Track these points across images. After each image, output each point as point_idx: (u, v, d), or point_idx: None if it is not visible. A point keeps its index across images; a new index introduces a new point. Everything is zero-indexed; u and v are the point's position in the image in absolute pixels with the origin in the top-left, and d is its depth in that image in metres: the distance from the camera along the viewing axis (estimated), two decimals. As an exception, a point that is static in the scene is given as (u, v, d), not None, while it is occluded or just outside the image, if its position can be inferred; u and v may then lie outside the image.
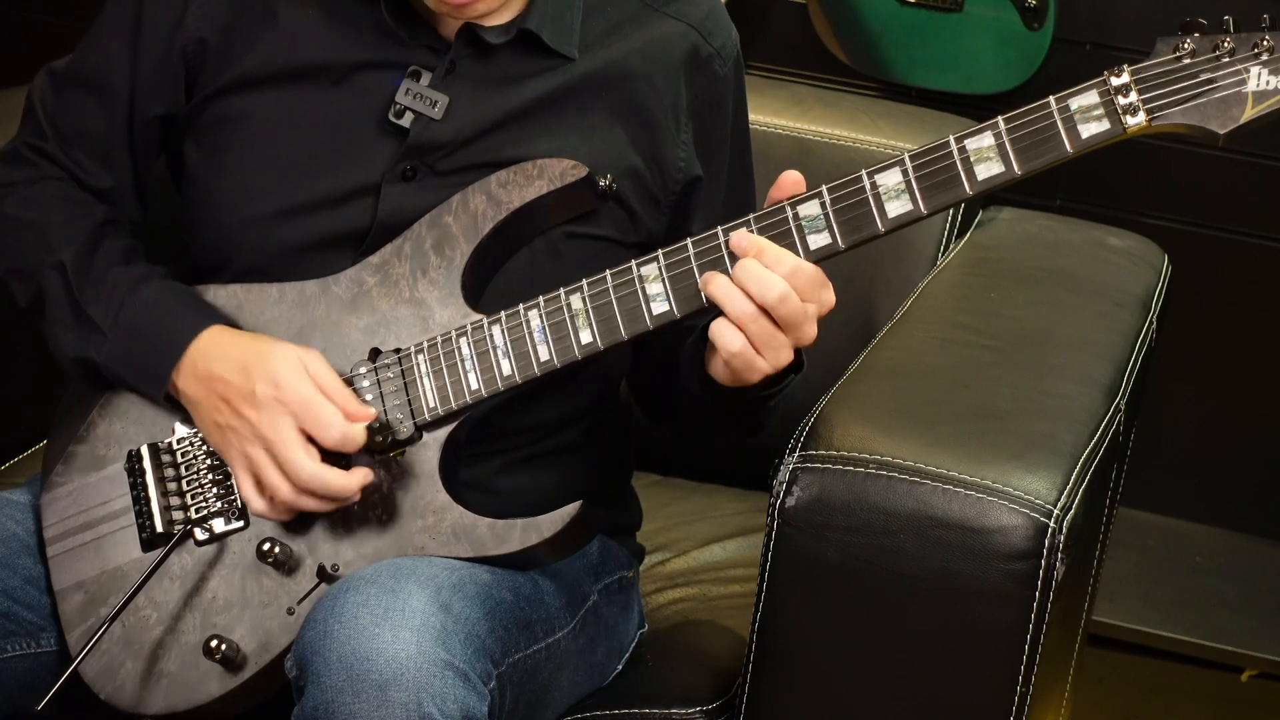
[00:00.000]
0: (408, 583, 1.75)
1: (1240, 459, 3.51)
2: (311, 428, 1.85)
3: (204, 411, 1.90)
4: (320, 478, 1.84)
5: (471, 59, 1.94)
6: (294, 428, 1.85)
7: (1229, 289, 3.43)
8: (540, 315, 1.85)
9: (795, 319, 1.78)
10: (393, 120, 1.92)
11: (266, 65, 1.95)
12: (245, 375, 1.87)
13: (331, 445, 1.85)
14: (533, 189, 1.88)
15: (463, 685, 1.71)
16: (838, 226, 1.79)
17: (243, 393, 1.86)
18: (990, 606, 1.81)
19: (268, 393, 1.85)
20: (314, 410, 1.84)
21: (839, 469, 1.84)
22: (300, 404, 1.85)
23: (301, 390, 1.85)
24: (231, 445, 1.88)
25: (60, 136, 2.03)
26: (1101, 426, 1.99)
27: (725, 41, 2.01)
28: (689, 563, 2.33)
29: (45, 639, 1.95)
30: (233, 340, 1.91)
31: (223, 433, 1.89)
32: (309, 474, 1.84)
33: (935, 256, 2.47)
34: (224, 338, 1.91)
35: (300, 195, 1.93)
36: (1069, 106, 1.75)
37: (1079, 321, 2.24)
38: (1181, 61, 1.74)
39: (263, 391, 1.85)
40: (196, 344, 1.91)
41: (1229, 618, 3.34)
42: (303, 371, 1.86)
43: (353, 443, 1.85)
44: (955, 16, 3.22)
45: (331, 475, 1.84)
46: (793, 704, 1.90)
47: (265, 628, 1.86)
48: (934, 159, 1.78)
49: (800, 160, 2.50)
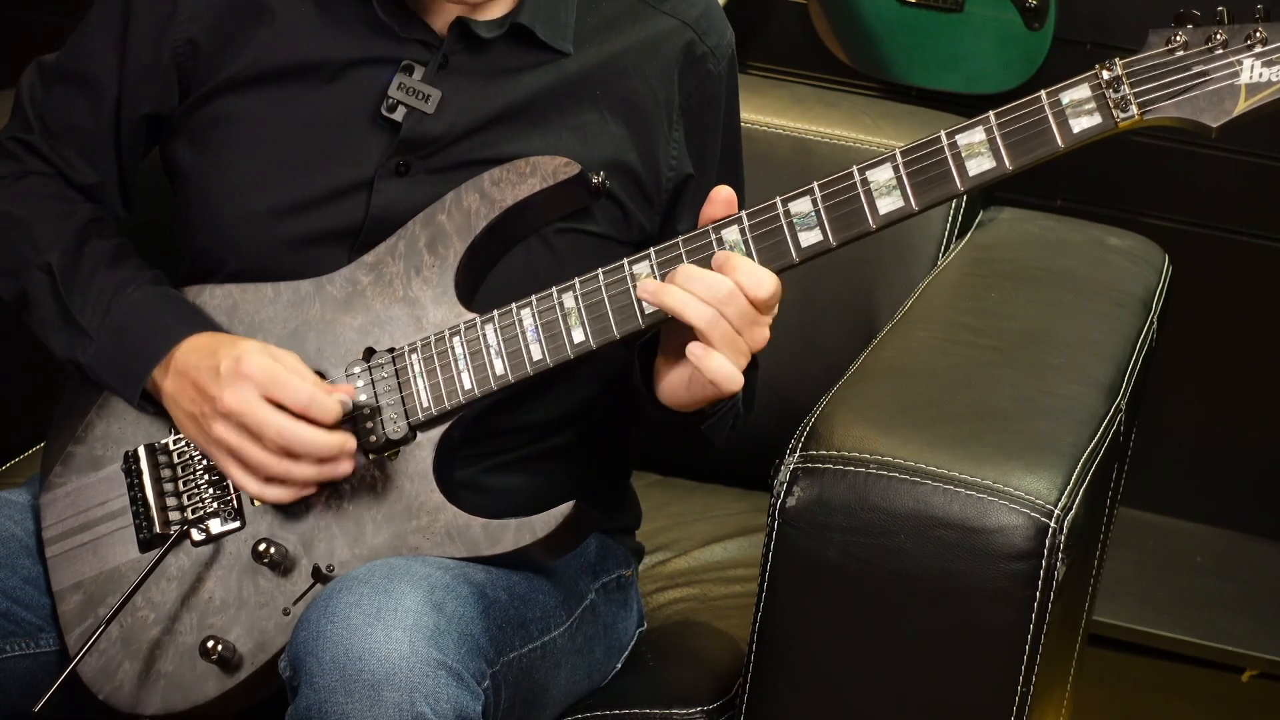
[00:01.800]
0: (400, 582, 1.74)
1: (1240, 459, 3.51)
2: (276, 392, 1.83)
3: (180, 404, 1.89)
4: (295, 431, 1.82)
5: (465, 53, 1.94)
6: (258, 396, 1.83)
7: (1229, 289, 3.43)
8: (533, 314, 1.84)
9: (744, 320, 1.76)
10: (385, 115, 1.92)
11: (258, 64, 1.95)
12: (213, 357, 1.87)
13: (299, 407, 1.83)
14: (525, 187, 1.88)
15: (456, 684, 1.71)
16: (829, 223, 1.78)
17: (209, 372, 1.86)
18: (991, 606, 1.81)
19: (230, 368, 1.84)
20: (277, 377, 1.83)
21: (839, 469, 1.84)
22: (262, 373, 1.84)
23: (263, 361, 1.84)
24: (205, 433, 1.87)
25: (47, 131, 2.02)
26: (1102, 426, 1.99)
27: (719, 40, 2.01)
28: (689, 563, 2.33)
29: (44, 639, 1.95)
30: (212, 338, 1.91)
31: (196, 423, 1.88)
32: (283, 428, 1.82)
33: (936, 256, 2.47)
34: (205, 339, 1.91)
35: (294, 193, 1.93)
36: (1060, 101, 1.74)
37: (1079, 321, 2.24)
38: (1174, 54, 1.72)
39: (226, 367, 1.85)
40: (180, 348, 1.90)
41: (1229, 618, 3.34)
42: (266, 351, 1.86)
43: (322, 406, 1.83)
44: (956, 16, 3.22)
45: (307, 429, 1.83)
46: (793, 704, 1.90)
47: (261, 628, 1.86)
48: (925, 155, 1.77)
49: (800, 160, 2.50)
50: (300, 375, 1.85)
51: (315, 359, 1.90)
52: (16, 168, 2.03)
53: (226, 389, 1.84)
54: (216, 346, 1.88)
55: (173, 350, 1.91)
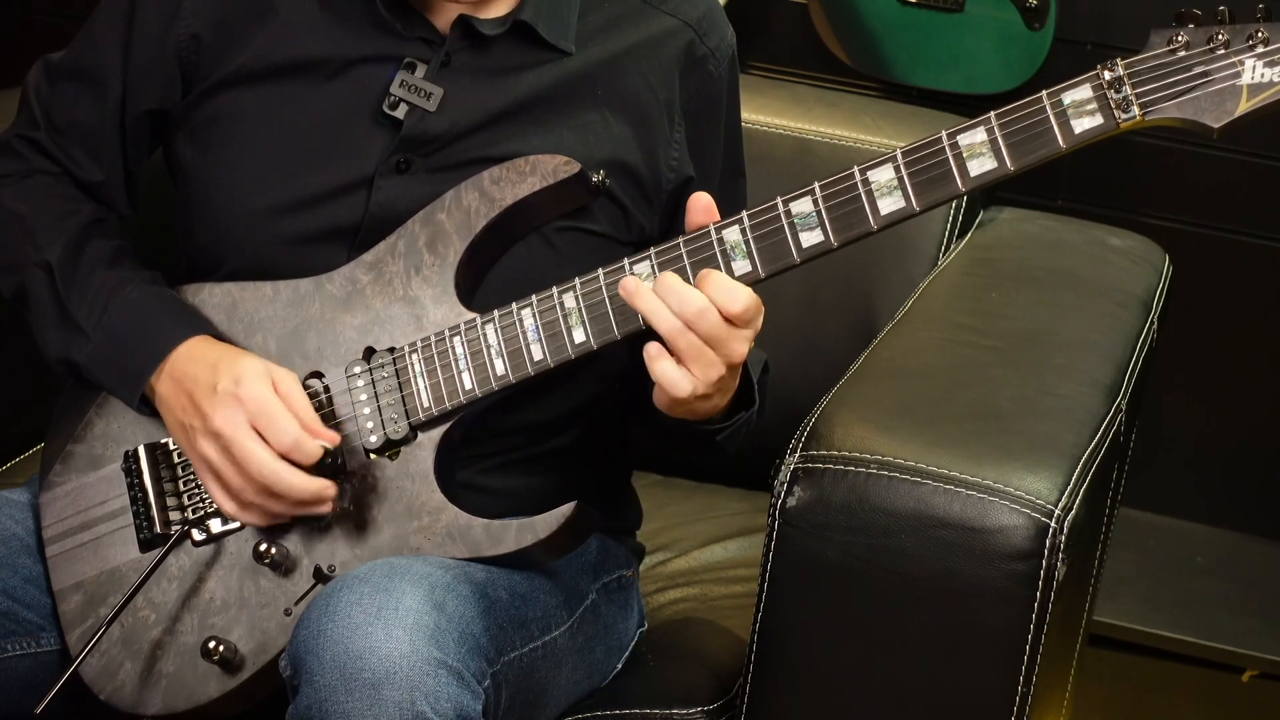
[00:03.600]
0: (401, 581, 1.74)
1: (1240, 459, 3.51)
2: (263, 427, 1.83)
3: (172, 411, 1.89)
4: (276, 473, 1.83)
5: (467, 51, 1.94)
6: (247, 424, 1.83)
7: (1229, 289, 3.43)
8: (534, 314, 1.84)
9: (716, 336, 1.76)
10: (387, 112, 1.92)
11: (261, 60, 1.95)
12: (213, 371, 1.86)
13: (283, 449, 1.83)
14: (525, 185, 1.88)
15: (456, 684, 1.71)
16: (830, 224, 1.78)
17: (206, 387, 1.86)
18: (991, 606, 1.81)
19: (228, 388, 1.84)
20: (269, 410, 1.83)
21: (840, 469, 1.84)
22: (256, 403, 1.84)
23: (260, 390, 1.84)
24: (192, 446, 1.87)
25: (53, 128, 2.03)
26: (1102, 426, 1.99)
27: (720, 41, 2.01)
28: (690, 563, 2.33)
29: (46, 639, 1.95)
30: (212, 346, 1.90)
31: (185, 433, 1.88)
32: (264, 467, 1.82)
33: (936, 256, 2.47)
34: (204, 345, 1.91)
35: (294, 190, 1.93)
36: (1062, 101, 1.74)
37: (1080, 321, 2.24)
38: (1176, 54, 1.72)
39: (224, 387, 1.85)
40: (178, 351, 1.90)
41: (1229, 618, 3.34)
42: (266, 377, 1.85)
43: (305, 452, 1.83)
44: (956, 16, 3.22)
45: (289, 472, 1.83)
46: (793, 704, 1.90)
47: (263, 629, 1.86)
48: (926, 155, 1.76)
49: (800, 160, 2.50)
50: (293, 409, 1.84)
51: (315, 358, 1.90)
52: (22, 166, 2.03)
53: (218, 409, 1.84)
54: (218, 360, 1.88)
55: (170, 353, 1.91)
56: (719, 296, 1.76)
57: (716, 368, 1.77)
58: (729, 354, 1.77)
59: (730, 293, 1.76)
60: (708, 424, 1.88)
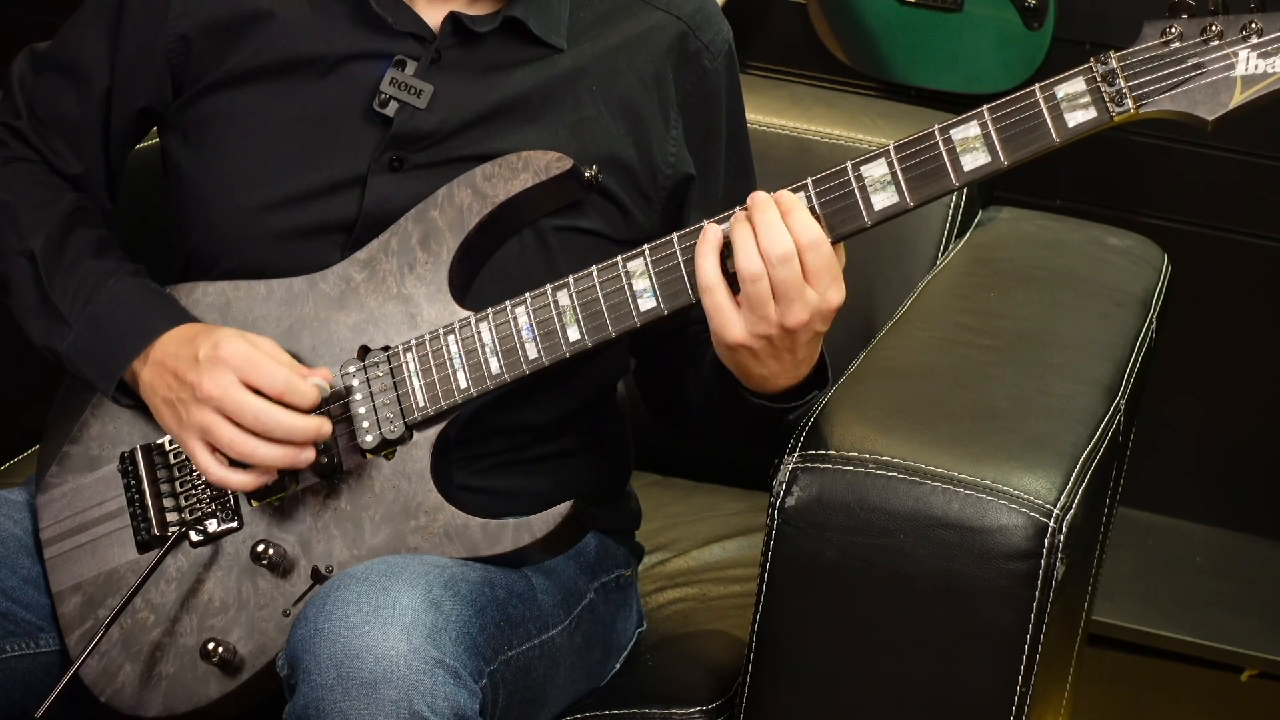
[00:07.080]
0: (398, 580, 1.74)
1: (1240, 459, 3.51)
2: (253, 377, 1.83)
3: (157, 392, 1.89)
4: (271, 414, 1.82)
5: (457, 48, 1.94)
6: (236, 380, 1.83)
7: (1229, 289, 3.43)
8: (528, 313, 1.84)
9: (789, 289, 1.74)
10: (377, 110, 1.92)
11: (252, 60, 1.95)
12: (190, 346, 1.86)
13: (275, 392, 1.83)
14: (518, 182, 1.87)
15: (453, 683, 1.71)
16: (824, 219, 1.77)
17: (188, 360, 1.86)
18: (990, 606, 1.81)
19: (208, 354, 1.84)
20: (254, 360, 1.83)
21: (839, 469, 1.84)
22: (240, 358, 1.84)
23: (240, 346, 1.84)
24: (180, 419, 1.87)
25: (35, 118, 2.02)
26: (1101, 426, 1.99)
27: (715, 36, 2.01)
28: (689, 562, 2.33)
29: (45, 639, 1.95)
30: (190, 328, 1.90)
31: (173, 409, 1.87)
32: (259, 411, 1.82)
33: (935, 256, 2.47)
34: (184, 329, 1.91)
35: (287, 188, 1.93)
36: (1055, 94, 1.73)
37: (1079, 321, 2.24)
38: (1169, 46, 1.71)
39: (204, 354, 1.85)
40: (160, 340, 1.90)
41: (1229, 618, 3.34)
42: (243, 337, 1.85)
43: (299, 392, 1.83)
44: (955, 16, 3.22)
45: (286, 414, 1.83)
46: (793, 704, 1.90)
47: (261, 630, 1.86)
48: (919, 150, 1.76)
49: (800, 160, 2.50)
50: (277, 360, 1.85)
51: (310, 357, 1.90)
52: (3, 153, 2.03)
53: (205, 375, 1.84)
54: (194, 335, 1.88)
55: (153, 342, 1.90)
56: (808, 255, 1.73)
57: (768, 324, 1.75)
58: (784, 314, 1.74)
59: (822, 256, 1.74)
60: (781, 400, 1.86)
